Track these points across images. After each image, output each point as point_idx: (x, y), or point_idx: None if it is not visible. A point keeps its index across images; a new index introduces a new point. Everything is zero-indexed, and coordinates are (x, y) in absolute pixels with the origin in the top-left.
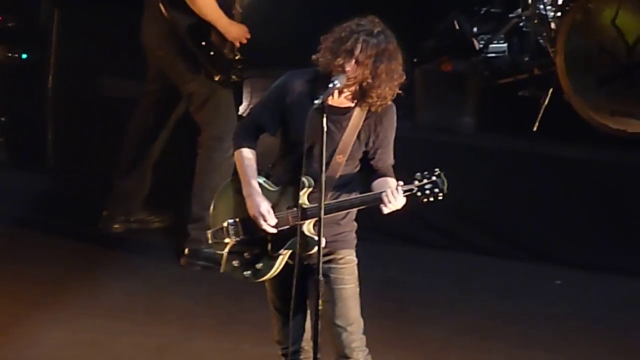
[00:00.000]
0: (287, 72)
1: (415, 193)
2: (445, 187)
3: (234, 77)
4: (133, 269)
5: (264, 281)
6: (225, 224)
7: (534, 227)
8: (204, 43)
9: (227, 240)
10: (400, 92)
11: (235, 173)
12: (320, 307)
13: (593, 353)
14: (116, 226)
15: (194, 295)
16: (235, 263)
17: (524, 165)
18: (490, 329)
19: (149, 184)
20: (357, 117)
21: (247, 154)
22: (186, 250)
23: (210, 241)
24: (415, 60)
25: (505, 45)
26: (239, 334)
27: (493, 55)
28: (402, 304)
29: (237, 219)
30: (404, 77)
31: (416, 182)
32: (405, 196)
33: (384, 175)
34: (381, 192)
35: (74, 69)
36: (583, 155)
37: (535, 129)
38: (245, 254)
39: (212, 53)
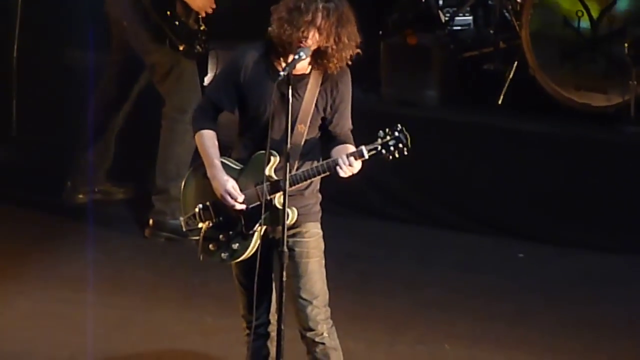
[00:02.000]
0: (239, 48)
1: (380, 151)
2: (408, 142)
3: (198, 47)
4: (96, 240)
5: (249, 260)
6: (196, 210)
7: (497, 201)
8: (168, 13)
9: (200, 225)
10: (358, 51)
11: (199, 156)
12: (284, 279)
13: (554, 326)
14: (80, 197)
15: (157, 267)
16: (211, 247)
17: (488, 139)
18: (453, 302)
19: (112, 155)
20: (314, 84)
21: (208, 135)
22: (150, 222)
23: (184, 229)
24: (380, 33)
25: (470, 18)
26: (202, 306)
27: (458, 28)
28: (365, 277)
29: (208, 203)
30: (359, 38)
31: (379, 140)
32: (371, 155)
33: (344, 141)
34: (337, 159)
35: (38, 39)
36: (547, 129)
37: (499, 102)
38: (220, 237)
39: (176, 23)
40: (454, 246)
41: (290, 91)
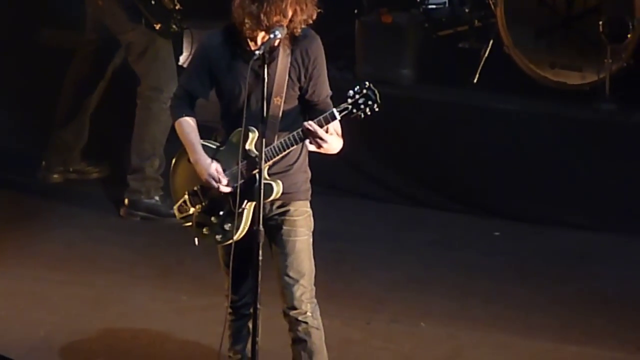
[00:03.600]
0: (204, 35)
1: (352, 110)
2: (377, 97)
3: (173, 27)
4: (72, 220)
5: (237, 240)
6: (186, 196)
7: (472, 179)
8: None
9: (191, 211)
10: (320, 10)
11: (182, 143)
12: (260, 258)
13: (529, 304)
14: (55, 176)
15: (133, 246)
16: (205, 231)
17: (463, 118)
18: (428, 280)
19: (87, 135)
20: (284, 54)
21: (187, 122)
22: (125, 201)
23: (178, 218)
24: (355, 11)
25: None
26: (177, 285)
27: (433, 6)
28: (340, 256)
29: (195, 188)
30: None
31: (349, 100)
32: (343, 116)
33: (324, 110)
34: (305, 123)
35: (11, 18)
36: (522, 107)
37: (475, 81)
38: (212, 219)
39: (152, 2)
40: (429, 224)
41: (265, 69)
